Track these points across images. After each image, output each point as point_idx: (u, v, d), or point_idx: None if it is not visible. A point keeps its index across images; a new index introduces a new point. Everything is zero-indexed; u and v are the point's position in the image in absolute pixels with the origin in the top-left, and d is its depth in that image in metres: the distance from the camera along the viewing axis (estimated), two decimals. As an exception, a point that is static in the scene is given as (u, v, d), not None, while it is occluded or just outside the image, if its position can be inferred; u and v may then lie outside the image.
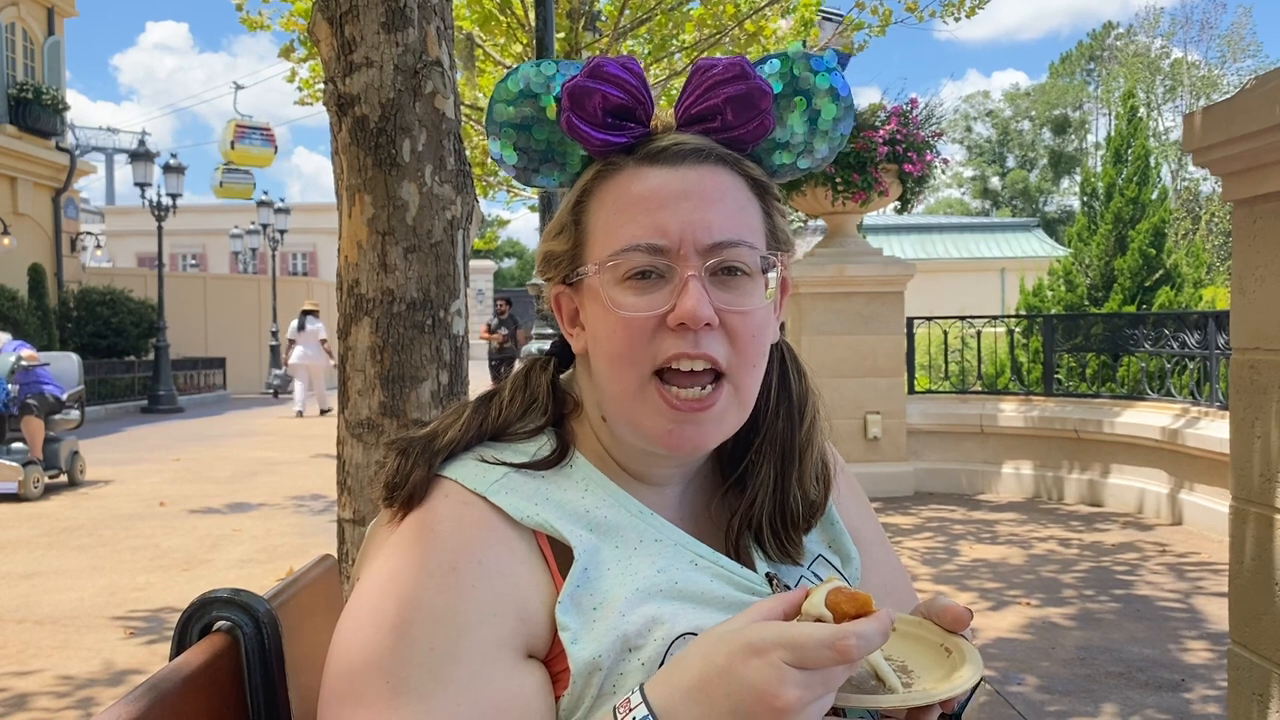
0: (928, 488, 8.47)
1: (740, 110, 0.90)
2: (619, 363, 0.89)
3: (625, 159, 0.91)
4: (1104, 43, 53.12)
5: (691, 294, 0.85)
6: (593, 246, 0.91)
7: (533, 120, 0.93)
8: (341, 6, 2.44)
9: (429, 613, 0.82)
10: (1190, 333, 7.32)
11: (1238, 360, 2.25)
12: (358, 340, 2.48)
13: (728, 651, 0.71)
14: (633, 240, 0.87)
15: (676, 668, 0.74)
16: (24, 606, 5.29)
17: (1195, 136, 2.31)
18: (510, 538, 0.87)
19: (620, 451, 0.96)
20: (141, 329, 20.13)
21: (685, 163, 0.89)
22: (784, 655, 0.69)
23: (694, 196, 0.88)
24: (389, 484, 0.91)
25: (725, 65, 0.90)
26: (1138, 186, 12.15)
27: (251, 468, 10.82)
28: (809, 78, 0.94)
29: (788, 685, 0.68)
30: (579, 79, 0.89)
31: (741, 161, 0.93)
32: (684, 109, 0.92)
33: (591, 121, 0.89)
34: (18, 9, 19.18)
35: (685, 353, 0.87)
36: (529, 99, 0.92)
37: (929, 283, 17.23)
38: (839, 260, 8.21)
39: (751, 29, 10.86)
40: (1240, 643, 2.25)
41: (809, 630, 0.70)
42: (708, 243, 0.87)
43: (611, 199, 0.90)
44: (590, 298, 0.91)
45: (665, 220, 0.87)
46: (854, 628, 0.69)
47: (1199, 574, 5.65)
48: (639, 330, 0.87)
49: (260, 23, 10.87)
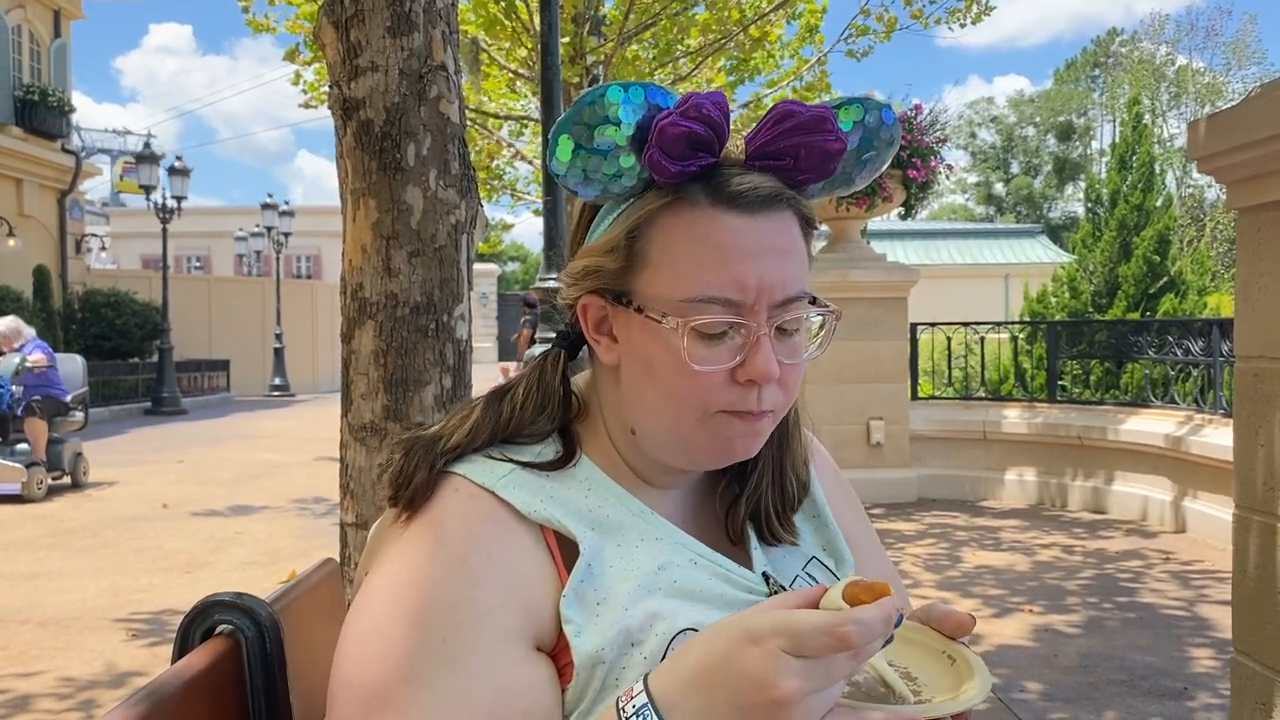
0: (930, 494, 8.46)
1: (812, 157, 0.90)
2: (683, 404, 0.90)
3: (697, 194, 0.89)
4: (1108, 49, 53.13)
5: (764, 353, 0.87)
6: (654, 280, 0.89)
7: (609, 148, 0.88)
8: (347, 11, 2.45)
9: (440, 604, 0.83)
10: (1194, 340, 7.30)
11: (1242, 368, 2.25)
12: (361, 344, 2.48)
13: (727, 640, 0.70)
14: (709, 291, 0.87)
15: (679, 659, 0.74)
16: (27, 607, 5.30)
17: (1200, 144, 2.30)
18: (518, 532, 0.88)
19: (638, 460, 0.97)
20: (146, 331, 20.17)
21: (761, 211, 0.89)
22: (781, 643, 0.68)
23: (770, 250, 0.88)
24: (394, 483, 0.91)
25: (807, 116, 0.89)
26: (1142, 193, 12.13)
27: (254, 470, 10.83)
28: (876, 128, 0.95)
29: (785, 674, 0.67)
30: (674, 118, 0.86)
31: (799, 201, 0.93)
32: (758, 145, 0.91)
33: (672, 156, 0.87)
34: (24, 11, 19.24)
35: (750, 410, 0.90)
36: (610, 126, 0.88)
37: (933, 288, 17.23)
38: (843, 265, 8.21)
39: (756, 34, 10.87)
40: (1243, 651, 2.25)
41: (807, 617, 0.69)
42: (780, 299, 0.89)
43: (684, 237, 0.89)
44: (644, 329, 0.90)
45: (745, 275, 0.87)
46: (854, 614, 0.68)
47: (1202, 582, 5.64)
48: (707, 380, 0.88)
49: (266, 25, 10.90)
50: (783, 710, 0.67)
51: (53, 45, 20.10)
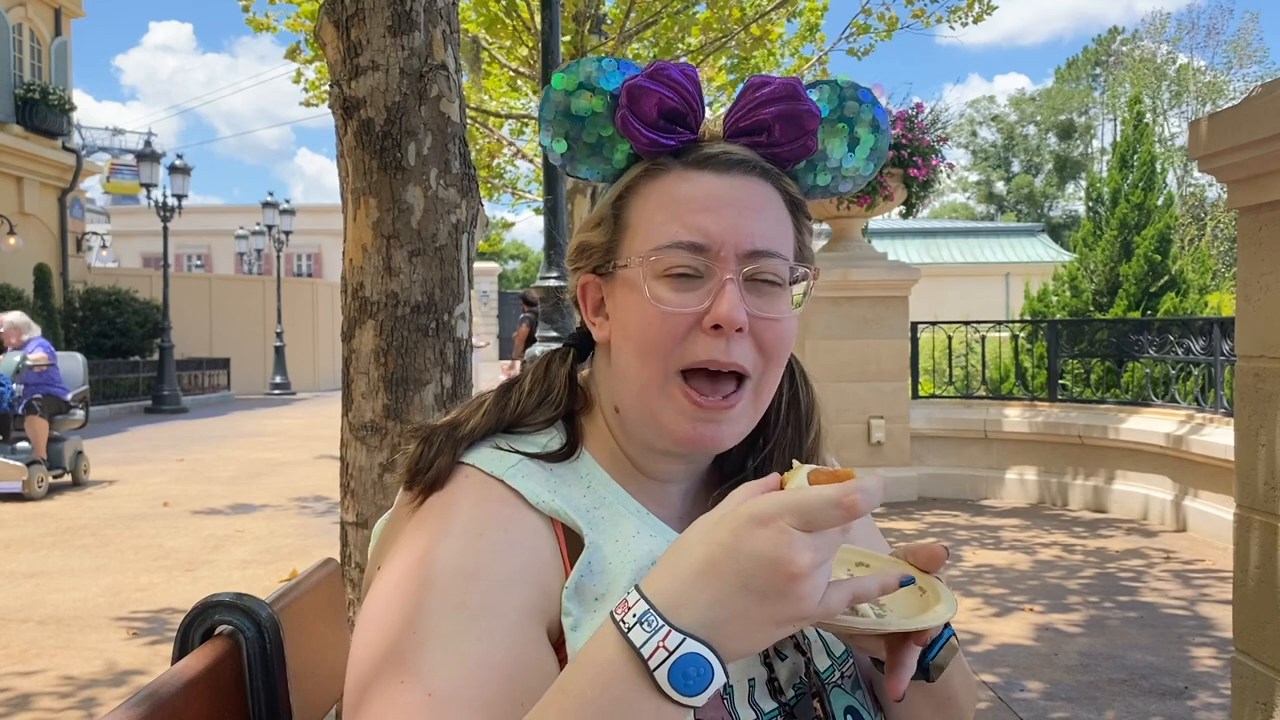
0: (931, 493, 8.46)
1: (788, 129, 0.93)
2: (648, 355, 0.91)
3: (672, 161, 0.93)
4: (1109, 48, 53.10)
5: (729, 297, 0.88)
6: (633, 241, 0.93)
7: (587, 114, 0.95)
8: (348, 10, 2.44)
9: (460, 570, 0.82)
10: (1195, 339, 7.30)
11: (1243, 367, 2.25)
12: (362, 343, 2.48)
13: (731, 528, 0.70)
14: (676, 238, 0.90)
15: (672, 560, 0.72)
16: (27, 606, 5.30)
17: (1201, 143, 2.30)
18: (530, 517, 0.88)
19: (630, 446, 0.97)
20: (146, 329, 20.18)
21: (731, 171, 0.92)
22: (791, 520, 0.68)
23: (737, 204, 0.91)
24: (412, 469, 0.92)
25: (779, 84, 0.93)
26: (1143, 192, 12.12)
27: (255, 469, 10.83)
28: (855, 107, 0.98)
29: (799, 550, 0.67)
30: (639, 79, 0.91)
31: (781, 177, 0.96)
32: (733, 121, 0.95)
33: (645, 121, 0.92)
34: (25, 9, 19.24)
35: (716, 359, 0.89)
36: (586, 92, 0.94)
37: (934, 287, 17.23)
38: (844, 264, 8.21)
39: (757, 33, 10.86)
40: (1244, 650, 2.25)
41: (813, 492, 0.69)
42: (747, 249, 0.90)
43: (656, 197, 0.93)
44: (624, 289, 0.93)
45: (709, 223, 0.90)
46: (858, 483, 0.69)
47: (1203, 581, 5.64)
48: (674, 326, 0.89)
49: (266, 24, 10.90)
50: (797, 584, 0.68)
51: (53, 43, 20.10)
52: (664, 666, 0.67)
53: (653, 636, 0.68)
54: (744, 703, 0.87)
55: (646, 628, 0.68)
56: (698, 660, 0.67)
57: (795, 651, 0.93)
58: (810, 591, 0.68)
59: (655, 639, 0.68)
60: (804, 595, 0.68)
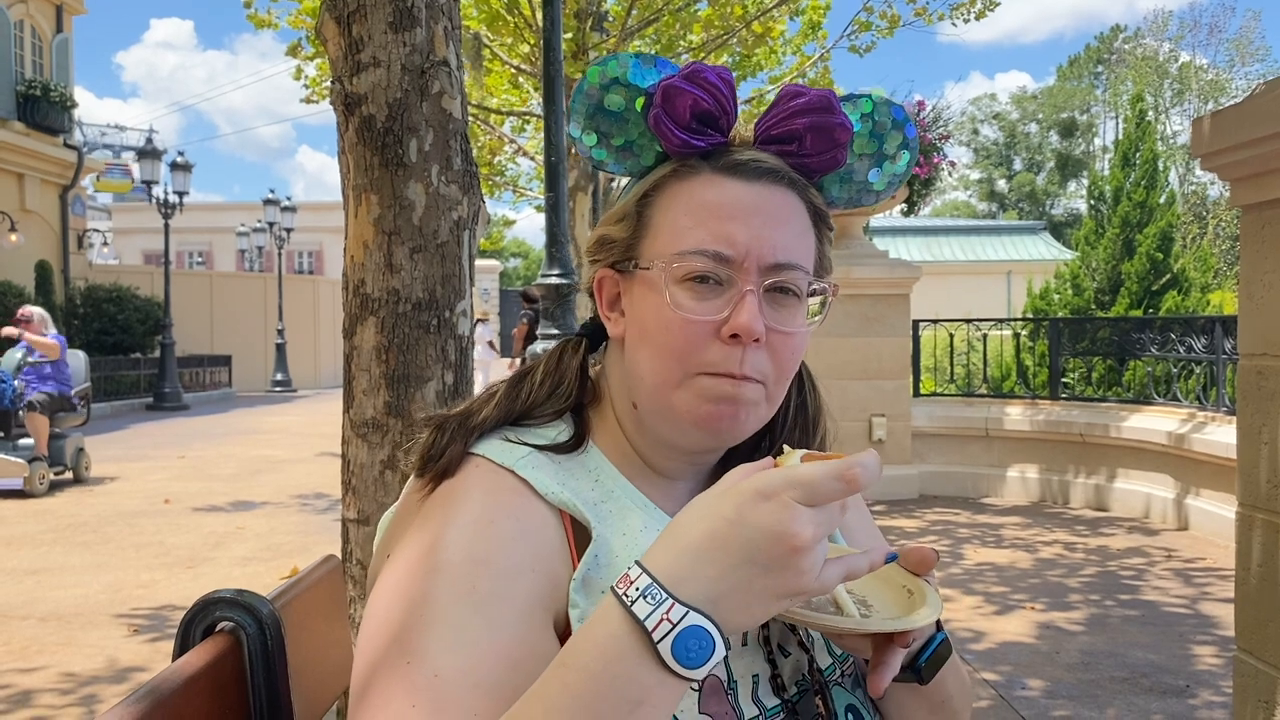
0: (932, 491, 8.46)
1: (819, 140, 0.93)
2: (666, 358, 0.91)
3: (701, 164, 0.93)
4: (1111, 46, 53.04)
5: (749, 308, 0.88)
6: (655, 241, 0.93)
7: (621, 109, 0.95)
8: (349, 6, 2.44)
9: (470, 556, 0.83)
10: (1197, 337, 7.29)
11: (1245, 366, 2.25)
12: (363, 340, 2.48)
13: (735, 503, 0.70)
14: (700, 245, 0.90)
15: (673, 536, 0.73)
16: (28, 603, 5.31)
17: (1203, 141, 2.30)
18: (540, 507, 0.89)
19: (641, 441, 0.98)
20: (147, 326, 20.18)
21: (760, 180, 0.92)
22: (795, 494, 0.69)
23: (764, 214, 0.91)
24: (425, 456, 0.93)
25: (814, 95, 0.93)
26: (1145, 190, 12.11)
27: (256, 466, 10.84)
28: (886, 124, 0.99)
29: (802, 523, 0.68)
30: (676, 80, 0.91)
31: (808, 188, 0.96)
32: (765, 128, 0.95)
33: (678, 122, 0.92)
34: (27, 6, 19.23)
35: (732, 372, 0.89)
36: (621, 88, 0.94)
37: (935, 285, 17.22)
38: (845, 262, 8.20)
39: (759, 30, 10.86)
40: (1246, 649, 2.25)
41: (815, 467, 0.70)
42: (770, 261, 0.90)
43: (684, 200, 0.93)
44: (643, 289, 0.93)
45: (734, 231, 0.90)
46: (858, 458, 0.71)
47: (1205, 579, 5.63)
48: (693, 333, 0.89)
49: (268, 21, 10.90)
50: (800, 557, 0.69)
51: (54, 40, 20.09)
52: (668, 639, 0.68)
53: (656, 609, 0.68)
54: (748, 699, 0.87)
55: (650, 600, 0.69)
56: (700, 633, 0.68)
57: (799, 649, 0.94)
58: (811, 565, 0.69)
59: (659, 612, 0.68)
60: (805, 569, 0.69)
